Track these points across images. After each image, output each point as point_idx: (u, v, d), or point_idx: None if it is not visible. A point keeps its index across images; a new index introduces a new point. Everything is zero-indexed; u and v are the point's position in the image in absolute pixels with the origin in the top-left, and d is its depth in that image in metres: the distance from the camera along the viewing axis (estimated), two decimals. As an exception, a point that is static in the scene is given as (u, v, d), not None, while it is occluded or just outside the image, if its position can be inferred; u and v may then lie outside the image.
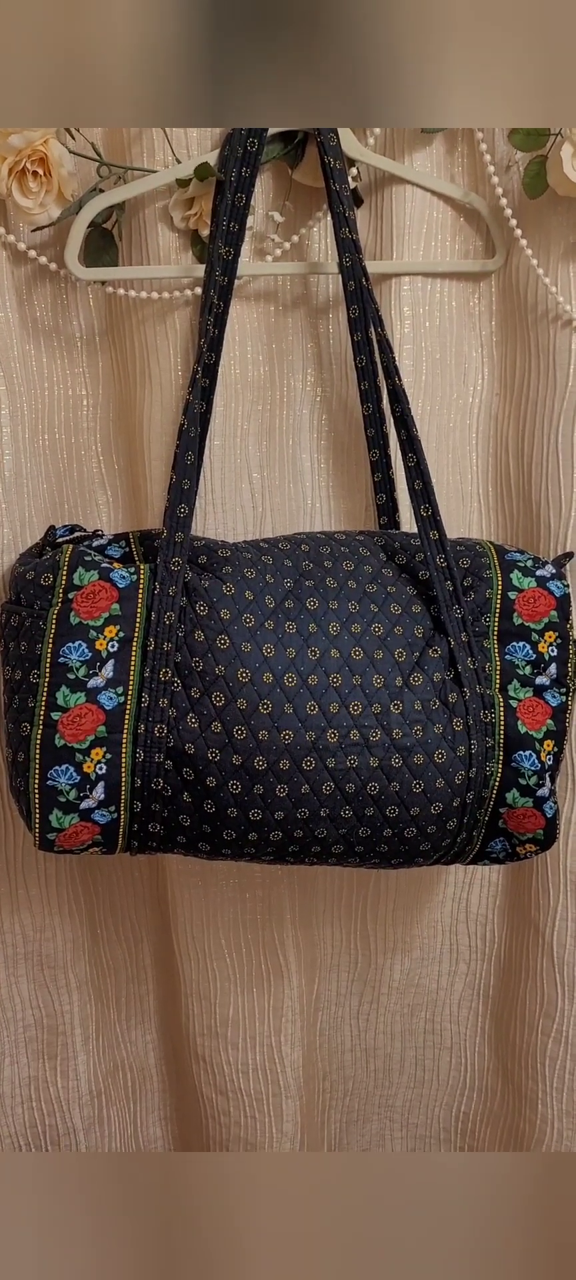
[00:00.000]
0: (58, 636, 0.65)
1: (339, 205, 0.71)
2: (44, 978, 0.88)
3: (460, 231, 0.80)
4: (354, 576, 0.70)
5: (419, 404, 0.79)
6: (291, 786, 0.66)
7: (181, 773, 0.66)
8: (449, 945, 0.94)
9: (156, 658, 0.66)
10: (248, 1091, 0.90)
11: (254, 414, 0.80)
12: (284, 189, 0.78)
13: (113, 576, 0.67)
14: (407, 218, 0.77)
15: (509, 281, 0.81)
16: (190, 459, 0.68)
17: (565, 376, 0.77)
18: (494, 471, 0.85)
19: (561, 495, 0.79)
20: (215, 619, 0.66)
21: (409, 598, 0.71)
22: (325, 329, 0.81)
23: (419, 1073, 0.98)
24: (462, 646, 0.70)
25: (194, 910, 0.87)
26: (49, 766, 0.65)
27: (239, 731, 0.65)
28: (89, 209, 0.73)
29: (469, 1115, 0.98)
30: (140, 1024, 0.94)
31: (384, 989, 0.95)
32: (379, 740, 0.67)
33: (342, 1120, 0.98)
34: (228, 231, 0.70)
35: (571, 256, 0.76)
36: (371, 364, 0.76)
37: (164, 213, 0.75)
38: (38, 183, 0.70)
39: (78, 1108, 0.90)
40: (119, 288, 0.76)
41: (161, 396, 0.77)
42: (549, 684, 0.72)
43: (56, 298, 0.79)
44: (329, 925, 0.92)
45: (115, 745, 0.65)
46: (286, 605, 0.68)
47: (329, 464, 0.83)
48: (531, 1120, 0.92)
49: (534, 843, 0.73)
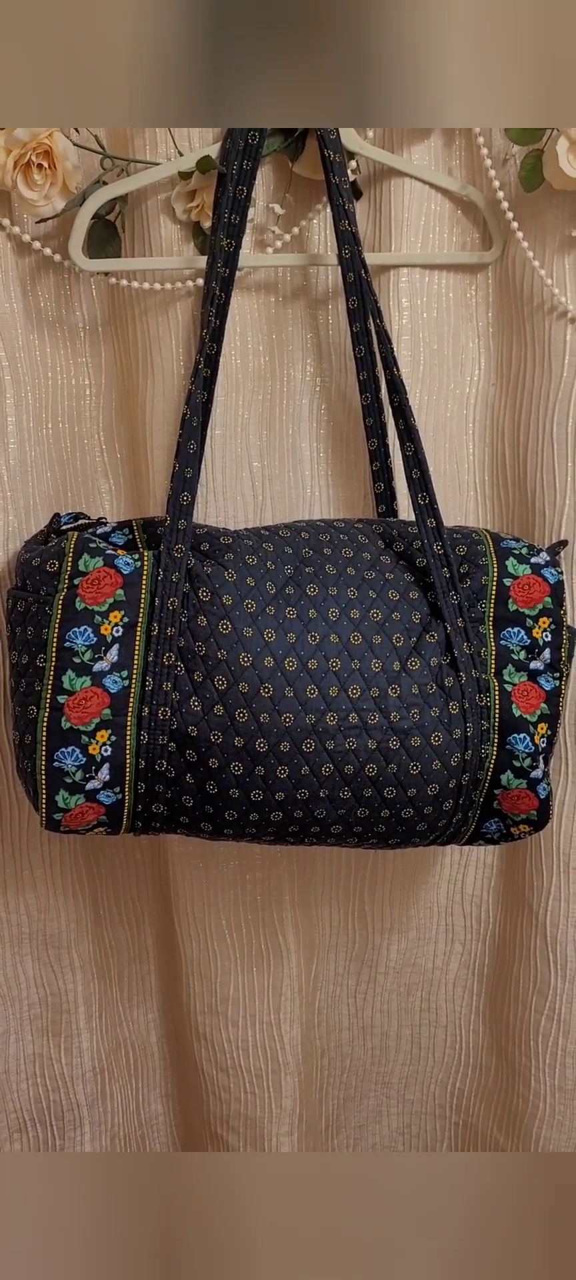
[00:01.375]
0: (63, 621, 0.67)
1: (338, 198, 0.72)
2: (48, 957, 0.89)
3: (457, 224, 0.81)
4: (353, 563, 0.71)
5: (416, 394, 0.80)
6: (292, 768, 0.67)
7: (184, 755, 0.67)
8: (444, 925, 0.95)
9: (160, 642, 0.67)
10: (248, 1068, 0.92)
11: (254, 403, 0.81)
12: (284, 181, 0.79)
13: (117, 563, 0.68)
14: (406, 210, 0.78)
15: (505, 273, 0.82)
16: (192, 448, 0.70)
17: (560, 367, 0.78)
18: (490, 461, 0.86)
19: (556, 484, 0.80)
20: (217, 604, 0.68)
21: (406, 584, 0.72)
22: (324, 320, 0.82)
23: (415, 1050, 0.99)
24: (459, 632, 0.72)
25: (195, 891, 0.88)
26: (55, 748, 0.66)
27: (240, 714, 0.66)
28: (92, 201, 0.73)
29: (464, 1091, 1.00)
30: (142, 1002, 0.96)
31: (381, 968, 0.96)
32: (377, 723, 0.68)
33: (340, 1096, 1.00)
34: (229, 224, 0.71)
35: (567, 249, 0.77)
36: (370, 354, 0.77)
37: (166, 205, 0.76)
38: (42, 175, 0.71)
39: (81, 1084, 0.92)
40: (122, 279, 0.77)
41: (163, 386, 0.78)
42: (543, 669, 0.73)
43: (60, 288, 0.80)
44: (327, 906, 0.94)
45: (120, 728, 0.67)
46: (287, 591, 0.69)
47: (328, 453, 0.84)
48: (524, 1096, 0.94)
49: (527, 823, 0.74)
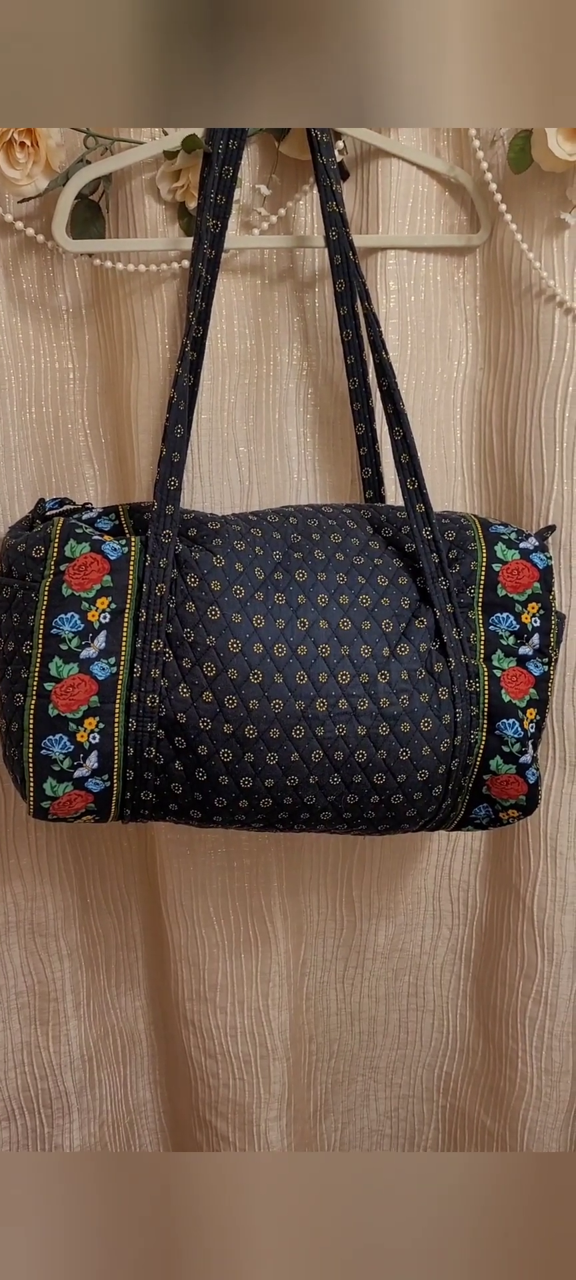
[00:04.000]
0: (50, 608, 0.66)
1: (325, 179, 0.71)
2: (35, 946, 0.88)
3: (445, 205, 0.81)
4: (341, 549, 0.71)
5: (403, 378, 0.80)
6: (281, 755, 0.67)
7: (173, 742, 0.67)
8: (432, 911, 0.96)
9: (148, 629, 0.66)
10: (236, 1055, 0.92)
11: (240, 388, 0.80)
12: (271, 162, 0.78)
13: (104, 549, 0.67)
14: (393, 191, 0.77)
15: (493, 256, 0.81)
16: (179, 432, 0.69)
17: (548, 351, 0.78)
18: (478, 445, 0.86)
19: (544, 469, 0.80)
20: (206, 590, 0.67)
21: (395, 570, 0.72)
22: (311, 303, 0.82)
23: (402, 1035, 0.99)
24: (448, 617, 0.72)
25: (183, 878, 0.88)
26: (43, 736, 0.65)
27: (230, 701, 0.66)
28: (76, 180, 0.72)
29: (451, 1075, 1.00)
30: (130, 990, 0.96)
31: (369, 954, 0.96)
32: (366, 709, 0.68)
33: (328, 1081, 1.00)
34: (215, 204, 0.70)
35: (555, 231, 0.76)
36: (357, 338, 0.77)
37: (151, 185, 0.75)
38: (25, 153, 0.70)
39: (69, 1072, 0.92)
40: (106, 260, 0.76)
41: (148, 370, 0.77)
42: (531, 654, 0.73)
43: (43, 270, 0.79)
44: (315, 892, 0.94)
45: (108, 715, 0.66)
46: (275, 577, 0.69)
47: (315, 438, 0.84)
48: (511, 1079, 0.94)
49: (516, 808, 0.75)
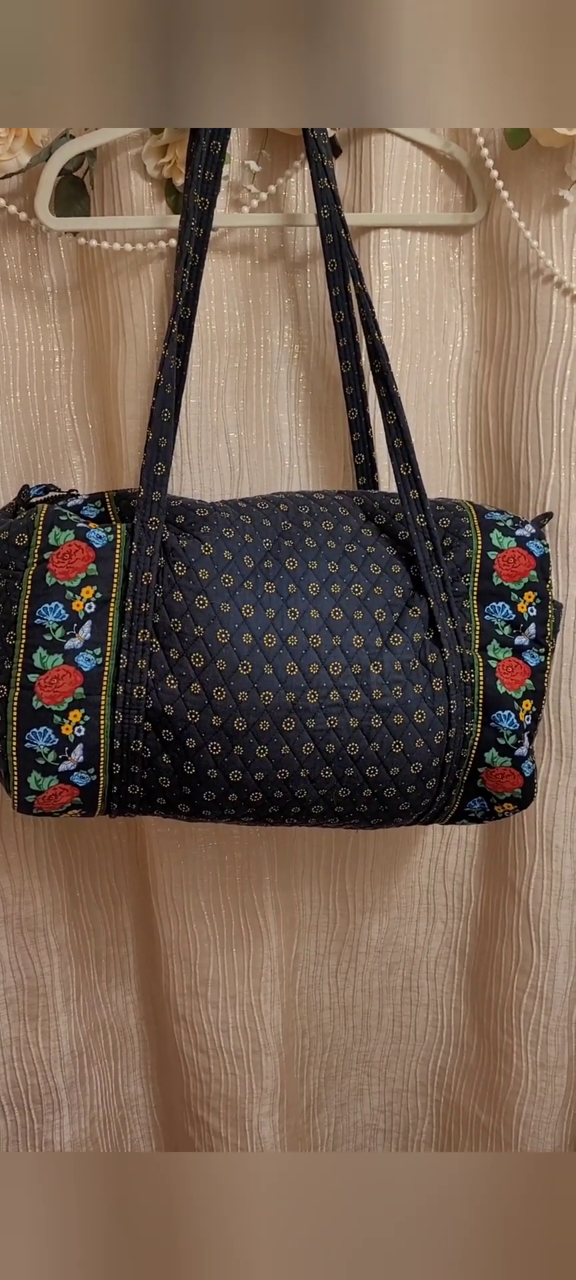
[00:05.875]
0: (33, 598, 0.64)
1: (317, 154, 0.69)
2: (24, 940, 0.87)
3: (440, 183, 0.79)
4: (333, 536, 0.69)
5: (397, 361, 0.78)
6: (271, 747, 0.66)
7: (161, 734, 0.65)
8: (426, 905, 0.95)
9: (134, 619, 0.65)
10: (228, 1049, 0.91)
11: (230, 371, 0.78)
12: (260, 136, 0.76)
13: (89, 536, 0.66)
14: (387, 168, 0.76)
15: (489, 235, 0.79)
16: (167, 416, 0.67)
17: (546, 333, 0.76)
18: (473, 430, 0.84)
19: (541, 455, 0.79)
20: (194, 579, 0.65)
21: (389, 558, 0.70)
22: (303, 283, 0.80)
23: (396, 1029, 0.99)
24: (442, 607, 0.70)
25: (173, 872, 0.87)
26: (27, 729, 0.64)
27: (218, 693, 0.65)
28: (59, 155, 0.70)
29: (445, 1069, 1.00)
30: (120, 985, 0.95)
31: (362, 948, 0.95)
32: (359, 701, 0.67)
33: (321, 1076, 0.99)
34: (203, 180, 0.68)
35: (553, 209, 0.75)
36: (350, 320, 0.75)
37: (137, 160, 0.73)
38: (6, 127, 0.68)
39: (59, 1067, 0.91)
40: (91, 239, 0.74)
41: (136, 353, 0.76)
42: (528, 644, 0.72)
43: (27, 249, 0.77)
44: (307, 886, 0.93)
45: (93, 707, 0.64)
46: (265, 565, 0.67)
47: (307, 423, 0.82)
48: (506, 1073, 0.94)
49: (512, 801, 0.73)
